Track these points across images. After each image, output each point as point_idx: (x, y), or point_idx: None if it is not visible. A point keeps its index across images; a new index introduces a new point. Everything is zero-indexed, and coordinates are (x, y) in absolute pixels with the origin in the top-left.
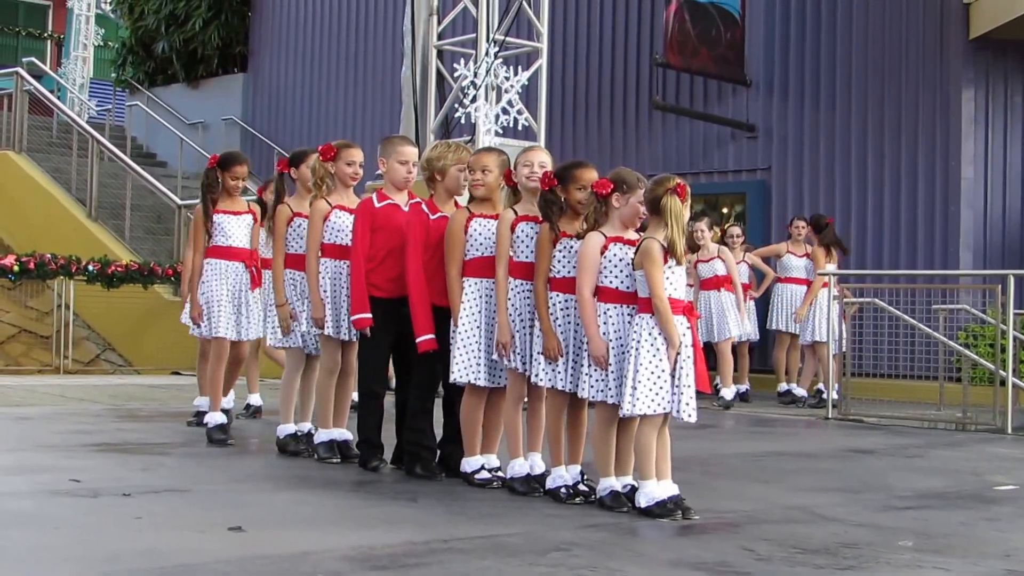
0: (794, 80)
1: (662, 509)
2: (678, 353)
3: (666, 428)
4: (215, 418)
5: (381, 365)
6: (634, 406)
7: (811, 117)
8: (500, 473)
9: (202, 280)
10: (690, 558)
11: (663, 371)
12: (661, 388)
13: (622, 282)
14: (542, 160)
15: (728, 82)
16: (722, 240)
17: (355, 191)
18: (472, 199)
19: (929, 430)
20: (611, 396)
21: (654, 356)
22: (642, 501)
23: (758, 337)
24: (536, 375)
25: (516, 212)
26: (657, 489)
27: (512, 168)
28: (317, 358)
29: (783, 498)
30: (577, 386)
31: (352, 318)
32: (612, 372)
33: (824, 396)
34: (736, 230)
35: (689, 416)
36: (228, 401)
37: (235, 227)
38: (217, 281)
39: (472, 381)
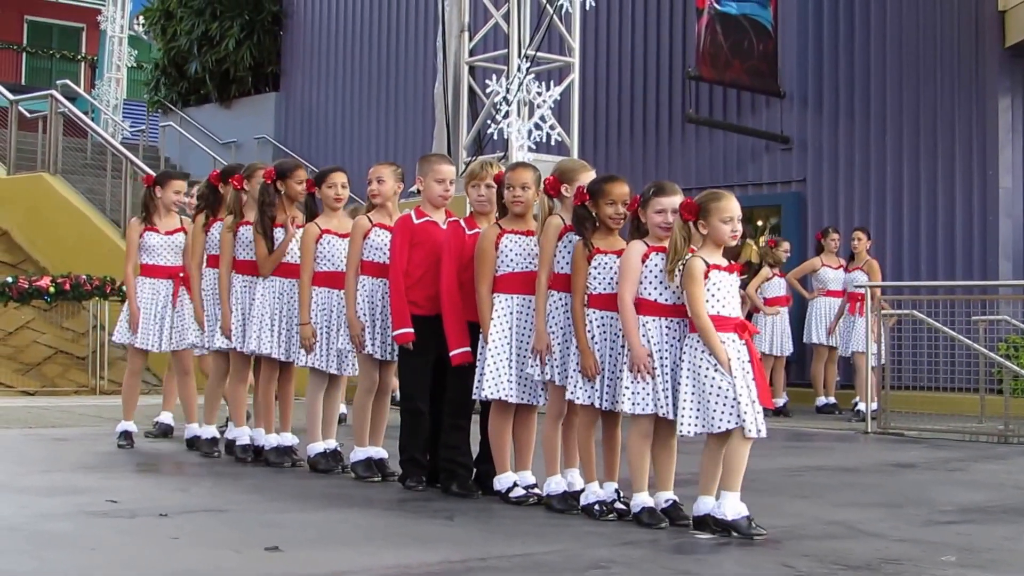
0: (828, 91)
1: (746, 526)
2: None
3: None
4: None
5: (423, 382)
6: (711, 425)
7: (846, 128)
8: (536, 489)
9: (261, 299)
10: (730, 575)
11: (730, 386)
12: (731, 404)
13: (661, 294)
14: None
15: (761, 94)
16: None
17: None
18: (504, 215)
19: (970, 443)
20: (648, 408)
21: (716, 373)
22: (729, 514)
23: (792, 351)
24: (572, 392)
25: (564, 221)
26: (737, 504)
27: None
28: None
29: (823, 513)
30: (612, 403)
31: (393, 334)
32: (649, 385)
33: (858, 408)
34: (786, 244)
35: (760, 432)
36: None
37: (295, 243)
38: (279, 301)
39: (503, 397)
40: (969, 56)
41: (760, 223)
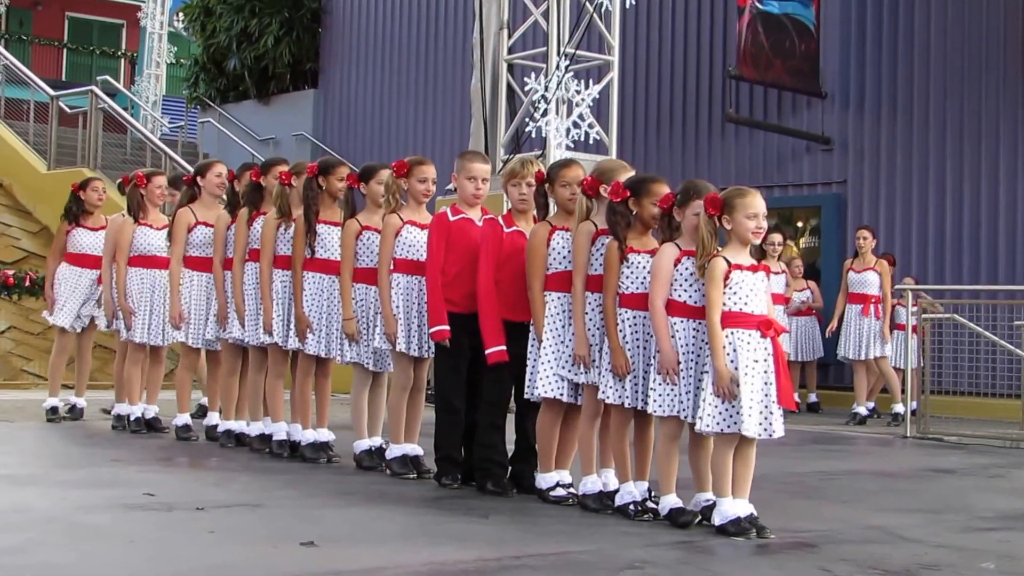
0: (870, 91)
1: (737, 527)
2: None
3: (751, 448)
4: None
5: (459, 380)
6: (704, 423)
7: (888, 129)
8: (572, 489)
9: (304, 294)
10: None
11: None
12: (729, 405)
13: (691, 296)
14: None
15: (802, 94)
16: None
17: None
18: (545, 213)
19: (1012, 449)
20: (675, 410)
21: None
22: (717, 519)
23: (823, 353)
24: (603, 392)
25: (596, 225)
26: (732, 507)
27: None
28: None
29: (861, 518)
30: (644, 403)
31: (430, 331)
32: (678, 387)
33: (895, 412)
34: (777, 237)
35: (769, 433)
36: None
37: (336, 239)
38: (319, 297)
39: (557, 396)
40: (1015, 57)
41: (800, 224)
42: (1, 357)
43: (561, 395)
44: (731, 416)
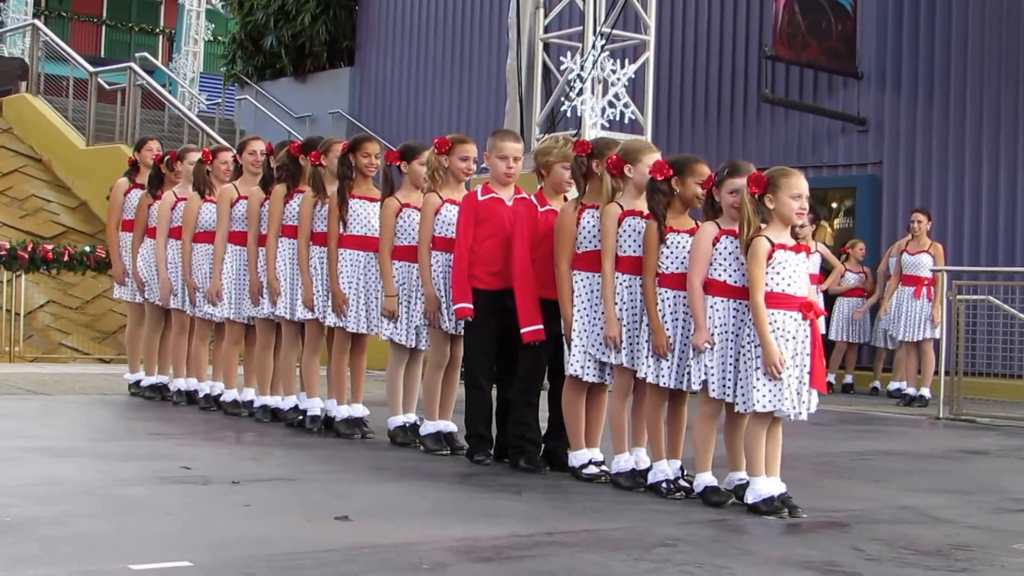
0: (907, 73)
1: (769, 506)
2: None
3: (779, 426)
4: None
5: (486, 359)
6: (751, 402)
7: (924, 111)
8: (604, 467)
9: (340, 271)
10: (798, 557)
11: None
12: (774, 385)
13: (731, 276)
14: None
15: (839, 75)
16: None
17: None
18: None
19: None
20: (714, 391)
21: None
22: (749, 497)
23: (869, 337)
24: (643, 371)
25: (622, 207)
26: (765, 486)
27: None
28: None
29: (893, 498)
30: (681, 382)
31: (454, 307)
32: (714, 367)
33: (921, 394)
34: (808, 217)
35: (798, 415)
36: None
37: (371, 214)
38: (354, 273)
39: (583, 377)
40: None
41: (835, 205)
42: (40, 331)
43: (586, 375)
44: (777, 396)
